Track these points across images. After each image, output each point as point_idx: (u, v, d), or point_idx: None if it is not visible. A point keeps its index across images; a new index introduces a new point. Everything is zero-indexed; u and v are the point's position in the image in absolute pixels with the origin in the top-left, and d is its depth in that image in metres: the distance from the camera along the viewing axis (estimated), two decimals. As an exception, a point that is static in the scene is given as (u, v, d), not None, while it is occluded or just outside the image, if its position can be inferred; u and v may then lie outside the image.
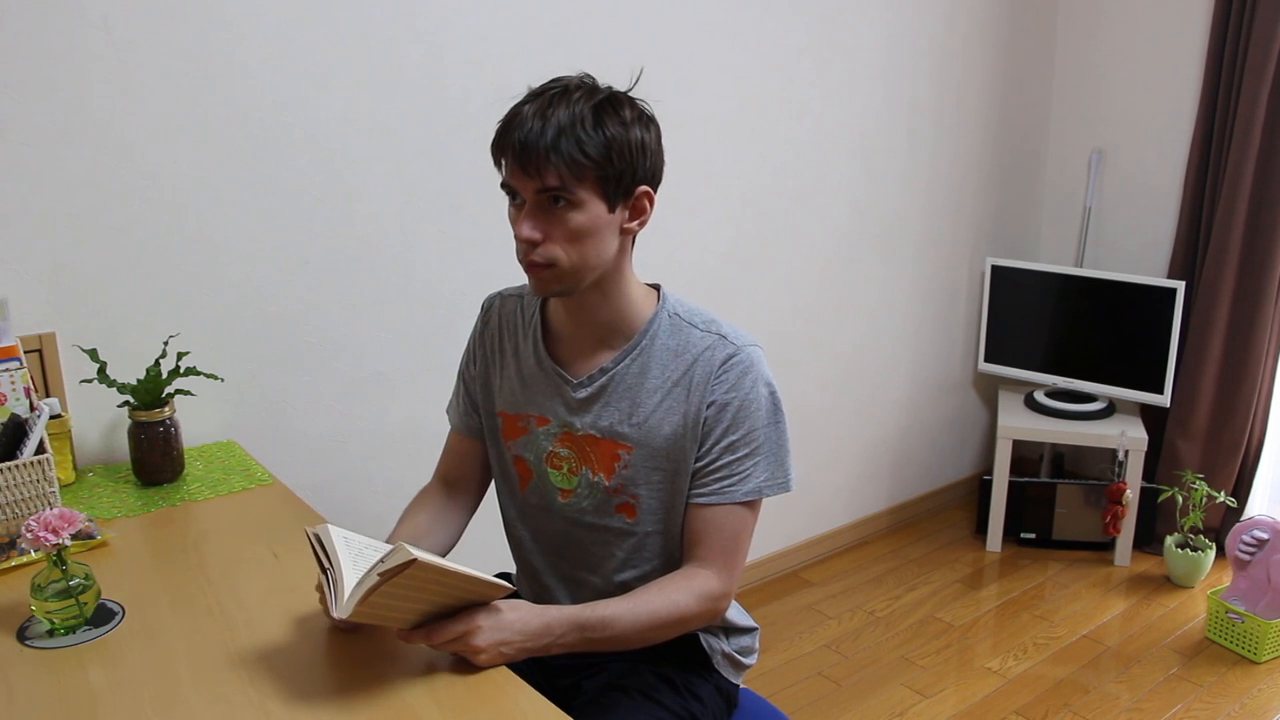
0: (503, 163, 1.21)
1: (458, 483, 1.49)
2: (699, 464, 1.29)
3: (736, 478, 1.29)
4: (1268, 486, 3.07)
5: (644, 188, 1.24)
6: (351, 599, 1.06)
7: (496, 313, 1.44)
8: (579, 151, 1.16)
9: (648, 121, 1.23)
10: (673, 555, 1.35)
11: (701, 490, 1.30)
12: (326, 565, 1.11)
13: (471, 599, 1.14)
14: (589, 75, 1.24)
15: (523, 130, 1.17)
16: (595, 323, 1.31)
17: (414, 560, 1.01)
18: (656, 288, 1.36)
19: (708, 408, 1.28)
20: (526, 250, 1.22)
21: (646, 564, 1.36)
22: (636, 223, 1.26)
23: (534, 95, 1.21)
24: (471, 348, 1.47)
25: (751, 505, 1.31)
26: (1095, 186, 3.35)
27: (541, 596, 1.44)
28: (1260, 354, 2.92)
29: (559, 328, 1.36)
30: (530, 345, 1.38)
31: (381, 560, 1.05)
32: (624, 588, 1.34)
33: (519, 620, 1.17)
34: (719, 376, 1.27)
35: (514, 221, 1.23)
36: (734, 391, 1.27)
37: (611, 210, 1.21)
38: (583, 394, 1.32)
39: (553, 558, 1.43)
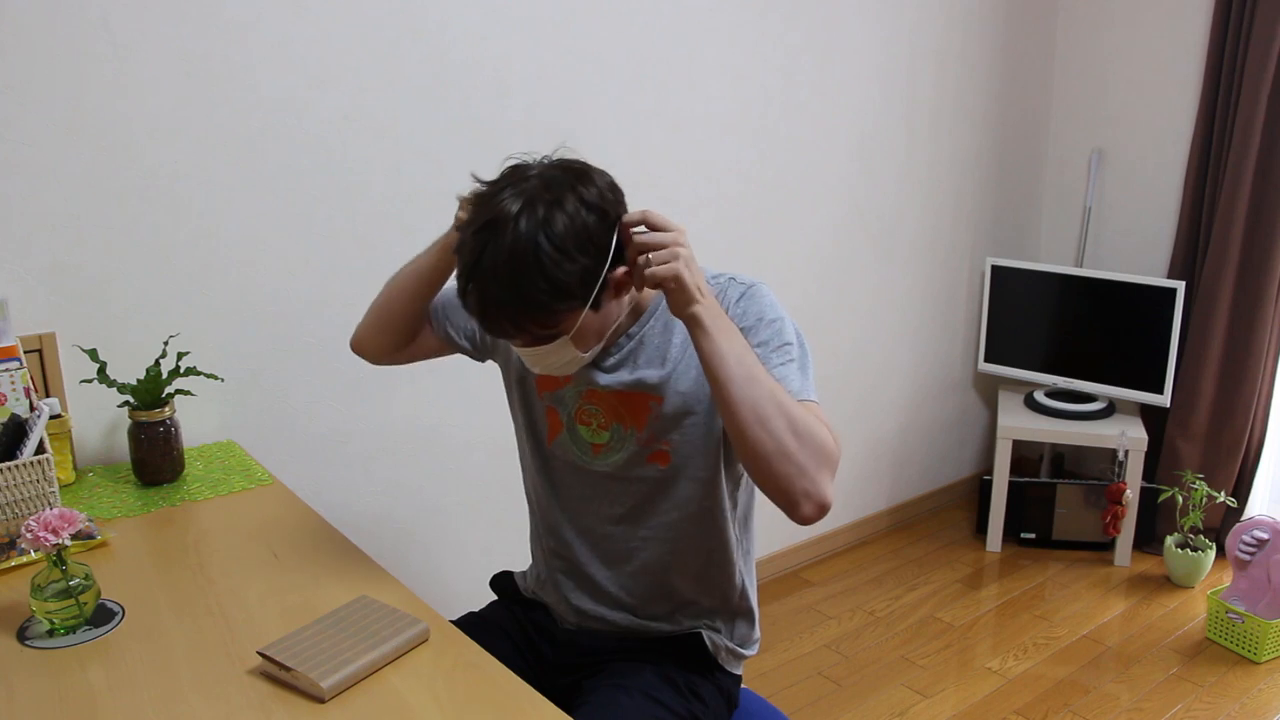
0: None
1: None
2: None
3: (778, 374, 1.22)
4: (1268, 486, 3.07)
5: (617, 272, 1.19)
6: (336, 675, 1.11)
7: None
8: (539, 319, 1.16)
9: (591, 200, 1.16)
10: (692, 501, 1.34)
11: None
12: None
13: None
14: (528, 169, 1.17)
15: (478, 304, 1.15)
16: None
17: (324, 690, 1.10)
18: None
19: None
20: None
21: (669, 514, 1.35)
22: (624, 282, 1.22)
23: (477, 238, 1.14)
24: None
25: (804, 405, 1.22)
26: (1095, 186, 3.35)
27: (561, 553, 1.44)
28: (1260, 354, 2.92)
29: None
30: None
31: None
32: (644, 540, 1.37)
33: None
34: (737, 306, 1.28)
35: None
36: (753, 315, 1.27)
37: (597, 309, 1.20)
38: (610, 361, 1.33)
39: (572, 511, 1.42)
